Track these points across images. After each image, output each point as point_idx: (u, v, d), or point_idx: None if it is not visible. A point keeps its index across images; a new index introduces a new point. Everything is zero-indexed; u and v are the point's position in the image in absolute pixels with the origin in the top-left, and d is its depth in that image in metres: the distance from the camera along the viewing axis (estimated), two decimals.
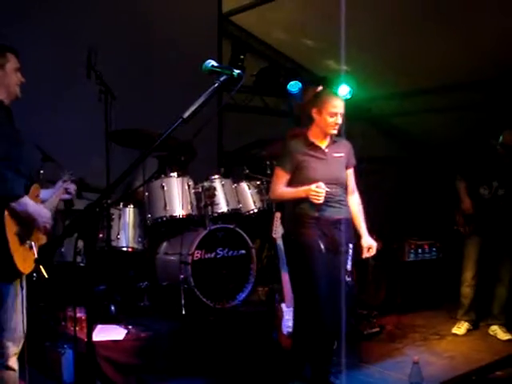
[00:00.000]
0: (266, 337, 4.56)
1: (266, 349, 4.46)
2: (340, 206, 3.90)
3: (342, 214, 3.89)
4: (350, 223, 3.97)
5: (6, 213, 2.83)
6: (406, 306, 5.97)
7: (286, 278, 4.46)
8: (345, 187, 3.98)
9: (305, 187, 3.75)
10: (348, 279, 3.84)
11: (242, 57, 7.06)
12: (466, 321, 5.41)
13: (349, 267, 3.85)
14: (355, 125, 7.55)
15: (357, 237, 4.02)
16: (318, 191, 3.68)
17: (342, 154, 3.97)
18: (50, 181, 4.90)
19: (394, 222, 7.31)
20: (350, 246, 3.90)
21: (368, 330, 5.25)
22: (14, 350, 3.01)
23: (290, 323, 4.27)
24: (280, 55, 7.93)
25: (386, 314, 5.80)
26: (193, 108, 2.10)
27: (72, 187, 3.70)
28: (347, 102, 7.07)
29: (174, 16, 6.14)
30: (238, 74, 2.27)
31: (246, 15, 7.18)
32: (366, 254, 3.98)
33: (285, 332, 4.39)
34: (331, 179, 3.84)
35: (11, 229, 2.86)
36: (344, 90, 7.24)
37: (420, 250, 6.20)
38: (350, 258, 3.86)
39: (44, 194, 3.37)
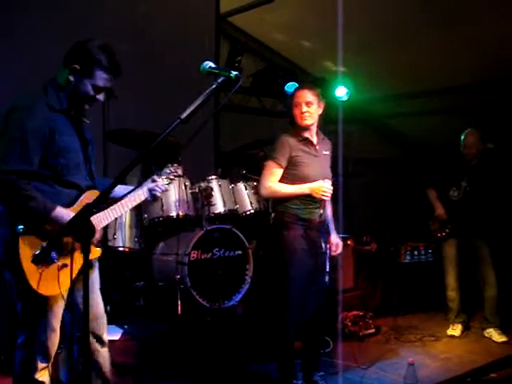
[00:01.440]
0: (263, 337, 4.56)
1: (263, 349, 4.47)
2: (326, 209, 3.92)
3: (324, 215, 3.88)
4: (327, 223, 3.98)
5: (21, 240, 2.60)
6: (401, 307, 5.99)
7: None
8: None
9: (311, 184, 3.71)
10: (326, 279, 3.81)
11: (239, 58, 7.06)
12: (459, 322, 5.43)
13: (327, 268, 3.83)
14: (351, 126, 7.64)
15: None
16: (328, 187, 3.68)
17: (328, 152, 4.01)
18: None
19: (390, 224, 7.32)
20: (328, 246, 3.90)
21: (364, 331, 5.25)
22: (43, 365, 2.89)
23: None
24: (277, 56, 7.94)
25: (382, 315, 5.82)
26: (191, 109, 2.11)
27: (160, 188, 3.19)
28: (344, 104, 7.24)
29: (172, 16, 6.12)
30: (236, 75, 2.28)
31: (244, 16, 7.17)
32: (333, 252, 3.96)
33: None
34: (323, 177, 3.82)
35: (27, 253, 2.60)
36: (341, 92, 7.28)
37: (416, 252, 6.21)
38: (328, 258, 3.86)
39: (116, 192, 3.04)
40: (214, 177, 5.12)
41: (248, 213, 5.24)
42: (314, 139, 3.92)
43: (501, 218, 5.41)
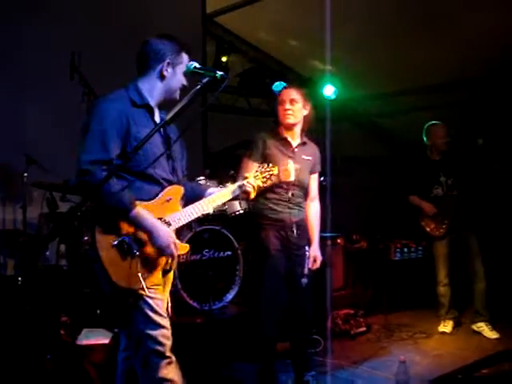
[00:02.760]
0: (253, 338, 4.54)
1: (254, 350, 4.45)
2: (299, 208, 3.85)
3: (299, 217, 3.84)
4: (306, 226, 3.91)
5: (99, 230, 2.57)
6: (392, 305, 5.97)
7: None
8: (305, 191, 3.93)
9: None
10: (304, 281, 3.78)
11: (226, 58, 7.05)
12: (450, 319, 5.44)
13: (305, 270, 3.80)
14: (339, 125, 7.63)
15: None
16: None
17: (310, 158, 3.91)
18: (35, 184, 4.90)
19: (380, 222, 7.33)
20: (307, 248, 3.85)
21: (355, 330, 5.26)
22: None
23: None
24: (265, 56, 7.93)
25: (373, 313, 5.82)
26: (175, 110, 2.10)
27: (251, 185, 3.11)
28: (332, 103, 7.24)
29: (158, 17, 6.09)
30: (221, 75, 2.27)
31: (231, 16, 7.16)
32: (310, 265, 3.87)
33: None
34: (297, 182, 3.77)
35: (106, 245, 2.57)
36: (329, 91, 7.28)
37: (406, 250, 6.21)
38: (307, 260, 3.82)
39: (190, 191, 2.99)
40: (202, 178, 5.09)
41: (237, 213, 5.21)
42: (295, 141, 3.86)
43: (488, 208, 5.43)
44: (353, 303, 5.67)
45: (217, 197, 2.94)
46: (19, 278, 4.51)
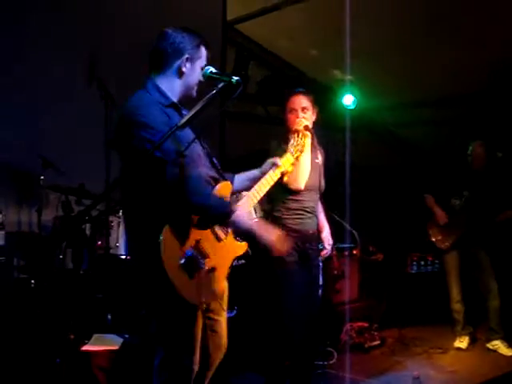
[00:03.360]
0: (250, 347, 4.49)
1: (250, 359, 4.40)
2: (315, 217, 3.78)
3: (315, 226, 3.77)
4: (319, 235, 3.85)
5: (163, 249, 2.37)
6: (407, 318, 5.88)
7: None
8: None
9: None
10: (319, 293, 3.72)
11: (242, 72, 7.00)
12: (465, 335, 5.35)
13: (321, 281, 3.74)
14: (358, 134, 7.58)
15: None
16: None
17: (320, 161, 3.84)
18: (51, 187, 4.90)
19: (397, 234, 7.24)
20: (320, 258, 3.79)
21: (369, 343, 5.19)
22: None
23: None
24: (284, 64, 7.89)
25: (387, 326, 5.73)
26: (188, 115, 2.05)
27: (288, 161, 3.07)
28: (352, 112, 7.18)
29: (178, 23, 6.08)
30: (237, 80, 2.22)
31: (251, 23, 7.12)
32: (325, 244, 3.84)
33: None
34: (313, 186, 3.72)
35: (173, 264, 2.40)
36: (348, 100, 7.22)
37: (423, 263, 6.13)
38: (321, 271, 3.76)
39: (242, 180, 2.90)
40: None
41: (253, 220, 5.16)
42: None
43: (501, 227, 5.34)
44: (367, 316, 5.59)
45: (262, 183, 2.85)
46: (32, 281, 4.52)
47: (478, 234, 5.24)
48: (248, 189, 2.86)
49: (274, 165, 2.95)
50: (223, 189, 2.61)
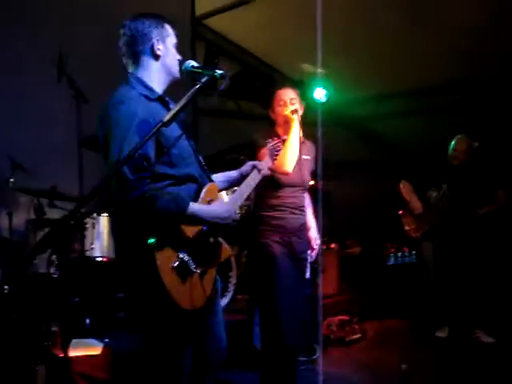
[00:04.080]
0: (247, 346, 4.44)
1: (247, 358, 4.35)
2: (301, 212, 3.71)
3: (302, 221, 3.70)
4: (307, 230, 3.77)
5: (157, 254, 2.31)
6: (387, 310, 5.90)
7: None
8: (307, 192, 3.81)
9: None
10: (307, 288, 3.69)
11: (216, 60, 6.94)
12: (445, 324, 5.37)
13: (308, 275, 3.68)
14: (331, 128, 7.56)
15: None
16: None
17: (309, 157, 3.77)
18: (21, 189, 4.77)
19: (373, 226, 7.26)
20: (308, 252, 3.74)
21: (350, 337, 5.18)
22: None
23: None
24: (254, 59, 7.84)
25: (368, 319, 5.73)
26: (173, 111, 1.97)
27: (267, 164, 2.98)
28: (323, 107, 7.15)
29: None
30: (221, 74, 2.16)
31: (220, 18, 7.06)
32: (313, 244, 3.76)
33: None
34: (301, 184, 3.67)
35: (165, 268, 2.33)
36: (320, 94, 7.19)
37: (400, 254, 6.15)
38: (308, 266, 3.70)
39: (220, 181, 2.84)
40: None
41: None
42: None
43: (480, 221, 5.39)
44: (347, 309, 5.58)
45: (246, 184, 2.80)
46: (5, 287, 4.40)
47: (454, 227, 5.25)
48: (226, 189, 2.86)
49: (255, 168, 2.89)
50: (209, 192, 2.55)
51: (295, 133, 3.51)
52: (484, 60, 6.24)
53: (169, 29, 2.57)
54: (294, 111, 3.55)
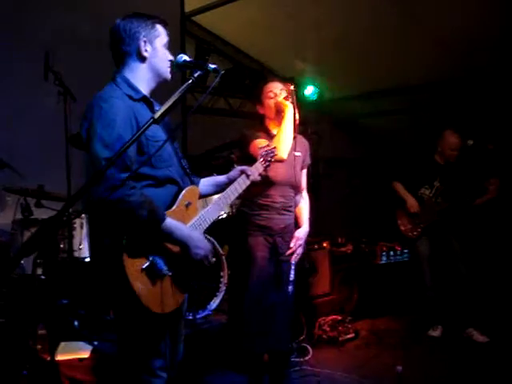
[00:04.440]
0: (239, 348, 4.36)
1: (239, 360, 4.28)
2: (288, 212, 3.63)
3: (288, 221, 3.63)
4: (293, 230, 3.68)
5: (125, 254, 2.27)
6: (379, 309, 5.84)
7: None
8: (297, 189, 3.71)
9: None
10: (290, 289, 3.57)
11: (206, 58, 6.87)
12: (439, 323, 5.33)
13: (292, 276, 3.58)
14: (321, 126, 7.52)
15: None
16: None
17: (300, 154, 3.67)
18: (7, 189, 4.67)
19: (365, 224, 7.22)
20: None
21: (343, 336, 5.11)
22: None
23: None
24: (245, 56, 7.79)
25: (360, 318, 5.67)
26: (164, 107, 1.90)
27: (258, 170, 2.92)
28: (313, 104, 7.11)
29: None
30: (214, 68, 2.09)
31: (210, 15, 7.00)
32: (291, 243, 3.63)
33: None
34: (290, 182, 3.59)
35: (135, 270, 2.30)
36: (310, 91, 7.14)
37: (392, 253, 6.10)
38: (292, 266, 3.60)
39: (208, 185, 2.81)
40: None
41: (220, 217, 5.04)
42: None
43: (473, 215, 5.35)
44: (339, 308, 5.52)
45: (231, 190, 2.74)
46: None
47: (448, 222, 5.23)
48: (213, 194, 2.81)
49: (243, 173, 2.83)
50: (189, 195, 2.52)
51: (290, 119, 3.42)
52: (475, 58, 6.21)
53: (159, 29, 2.53)
54: (287, 97, 3.46)
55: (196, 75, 2.08)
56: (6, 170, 4.63)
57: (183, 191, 2.49)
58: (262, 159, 2.95)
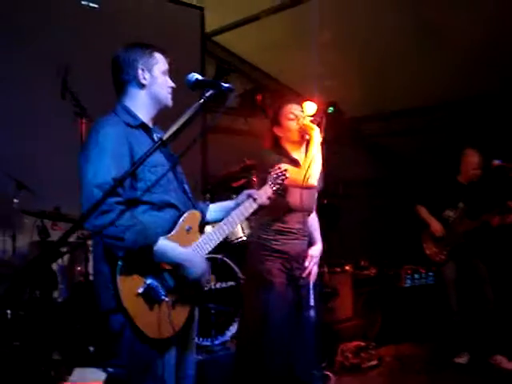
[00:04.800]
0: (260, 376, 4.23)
1: None
2: (304, 237, 3.50)
3: (304, 246, 3.49)
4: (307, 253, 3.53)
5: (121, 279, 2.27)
6: (404, 334, 5.66)
7: None
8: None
9: None
10: (311, 314, 3.46)
11: (226, 77, 6.85)
12: (465, 349, 5.14)
13: (311, 301, 3.47)
14: (342, 146, 7.43)
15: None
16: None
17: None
18: (25, 211, 4.63)
19: (388, 246, 7.07)
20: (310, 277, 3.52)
21: (366, 363, 4.95)
22: None
23: None
24: (265, 76, 7.75)
25: (384, 344, 5.49)
26: (173, 128, 1.83)
27: (267, 194, 2.82)
28: (335, 125, 7.02)
29: (156, 36, 5.88)
30: (227, 88, 2.00)
31: (230, 35, 7.06)
32: (306, 263, 3.49)
33: None
34: (308, 209, 3.47)
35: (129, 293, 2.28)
36: (330, 111, 7.05)
37: (417, 275, 5.93)
38: (311, 291, 3.49)
39: (217, 211, 2.75)
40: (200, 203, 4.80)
41: (240, 240, 4.93)
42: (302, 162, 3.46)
43: (498, 237, 5.19)
44: (362, 334, 5.36)
45: (236, 214, 2.65)
46: (8, 311, 4.25)
47: (475, 244, 5.08)
48: (222, 219, 2.69)
49: (250, 197, 2.73)
50: (189, 219, 2.48)
51: (317, 143, 3.30)
52: (494, 77, 6.14)
53: (158, 57, 2.53)
54: (313, 121, 3.33)
55: (208, 94, 2.00)
56: (24, 191, 4.63)
57: (183, 216, 2.45)
58: (271, 182, 2.85)
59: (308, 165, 3.26)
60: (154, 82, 2.48)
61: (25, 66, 5.06)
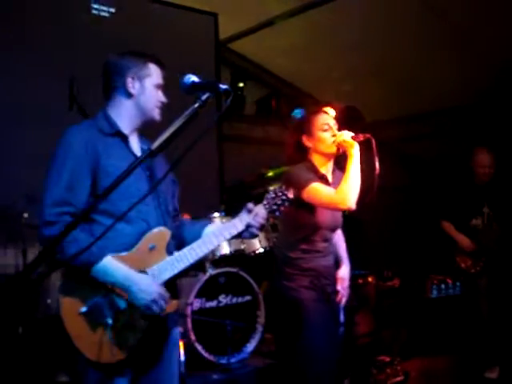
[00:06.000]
0: None
1: None
2: (330, 254, 3.32)
3: (331, 262, 3.32)
4: (334, 269, 3.37)
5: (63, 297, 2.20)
6: (430, 348, 5.43)
7: None
8: None
9: None
10: (341, 330, 3.34)
11: (241, 85, 6.75)
12: (496, 364, 4.92)
13: (342, 318, 3.34)
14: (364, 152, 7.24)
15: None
16: None
17: None
18: (34, 226, 4.51)
19: (412, 256, 6.84)
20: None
21: (391, 380, 4.73)
22: None
23: None
24: (281, 82, 7.61)
25: (409, 357, 5.27)
26: (163, 137, 1.66)
27: (260, 221, 2.47)
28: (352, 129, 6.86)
29: (169, 44, 5.79)
30: (225, 89, 1.84)
31: (245, 41, 6.99)
32: (338, 286, 3.32)
33: None
34: (335, 227, 3.30)
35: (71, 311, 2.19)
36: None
37: (443, 286, 5.69)
38: (341, 307, 3.34)
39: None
40: (217, 215, 4.65)
41: (256, 252, 4.77)
42: (330, 177, 3.26)
43: None
44: (387, 348, 5.15)
45: (214, 234, 2.39)
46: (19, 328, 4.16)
47: (507, 252, 4.88)
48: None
49: (247, 210, 2.47)
50: (155, 237, 2.30)
51: (356, 161, 3.06)
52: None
53: (152, 68, 2.44)
54: (355, 137, 3.09)
55: (204, 98, 1.83)
56: (33, 206, 4.52)
57: (148, 233, 2.29)
58: (266, 202, 2.48)
59: (345, 187, 3.03)
60: (143, 93, 2.39)
61: (31, 74, 5.00)
